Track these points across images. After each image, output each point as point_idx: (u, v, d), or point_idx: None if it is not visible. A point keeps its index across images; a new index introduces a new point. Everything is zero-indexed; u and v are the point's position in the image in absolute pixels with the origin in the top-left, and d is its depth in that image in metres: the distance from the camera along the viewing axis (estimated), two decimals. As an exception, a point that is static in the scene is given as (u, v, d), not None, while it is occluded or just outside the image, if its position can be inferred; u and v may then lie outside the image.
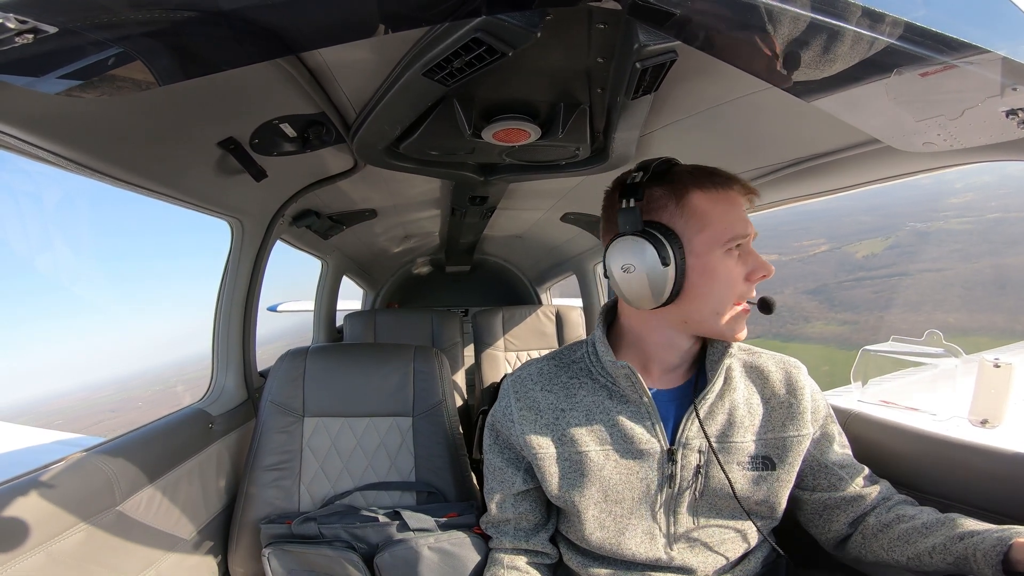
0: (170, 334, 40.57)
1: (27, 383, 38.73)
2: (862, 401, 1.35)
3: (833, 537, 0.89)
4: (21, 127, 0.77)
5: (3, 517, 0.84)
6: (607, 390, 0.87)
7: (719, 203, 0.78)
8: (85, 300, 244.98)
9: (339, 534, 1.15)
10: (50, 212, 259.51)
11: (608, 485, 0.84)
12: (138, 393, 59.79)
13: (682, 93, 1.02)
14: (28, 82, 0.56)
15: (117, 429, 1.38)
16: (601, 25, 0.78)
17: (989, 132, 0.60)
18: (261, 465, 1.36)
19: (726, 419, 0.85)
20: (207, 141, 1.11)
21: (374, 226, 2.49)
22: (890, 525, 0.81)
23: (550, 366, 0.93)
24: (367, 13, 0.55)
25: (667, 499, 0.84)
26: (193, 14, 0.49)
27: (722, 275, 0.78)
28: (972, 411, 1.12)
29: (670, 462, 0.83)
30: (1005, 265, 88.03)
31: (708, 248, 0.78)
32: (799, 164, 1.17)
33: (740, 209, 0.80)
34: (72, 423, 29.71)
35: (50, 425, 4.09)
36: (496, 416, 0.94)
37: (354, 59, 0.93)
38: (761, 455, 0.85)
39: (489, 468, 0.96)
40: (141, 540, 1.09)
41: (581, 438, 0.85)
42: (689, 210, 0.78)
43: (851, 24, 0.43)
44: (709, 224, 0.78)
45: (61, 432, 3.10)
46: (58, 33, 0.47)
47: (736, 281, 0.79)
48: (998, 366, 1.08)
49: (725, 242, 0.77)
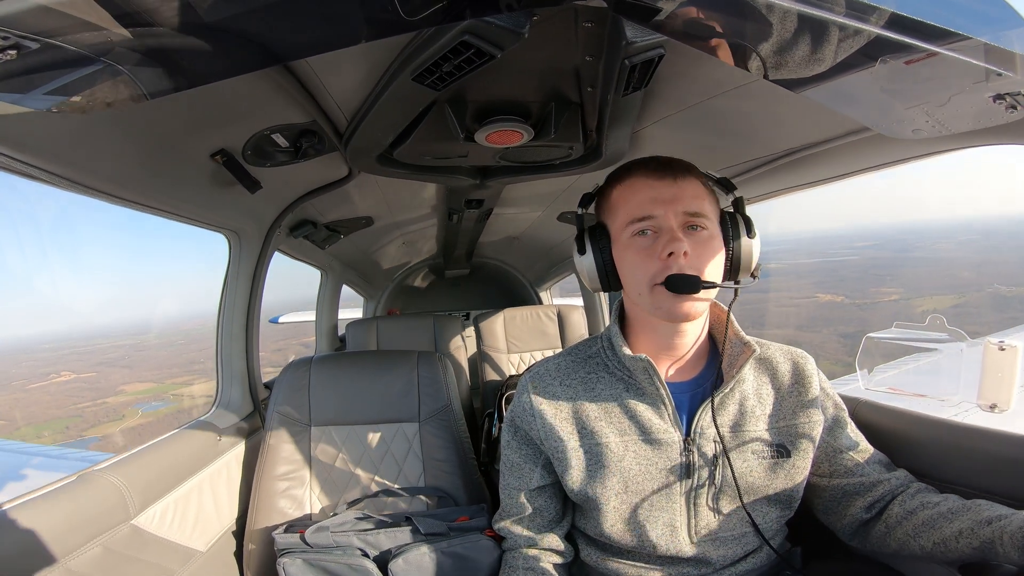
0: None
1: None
2: (869, 389, 1.35)
3: (849, 524, 0.89)
4: (8, 144, 0.77)
5: (20, 534, 0.84)
6: (624, 383, 0.89)
7: (624, 192, 0.85)
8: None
9: (352, 542, 1.15)
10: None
11: (628, 476, 0.85)
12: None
13: (672, 88, 1.02)
14: (13, 99, 0.56)
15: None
16: (588, 24, 0.78)
17: (977, 117, 0.60)
18: (271, 475, 1.36)
19: (738, 409, 0.86)
20: (199, 154, 1.12)
21: (371, 234, 2.49)
22: (914, 512, 0.81)
23: (567, 361, 0.95)
24: (352, 20, 0.55)
25: (687, 490, 0.85)
26: (178, 26, 0.49)
27: (629, 257, 0.83)
28: (980, 395, 1.12)
29: (687, 451, 0.84)
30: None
31: (619, 234, 0.85)
32: (792, 154, 1.16)
33: (643, 192, 0.82)
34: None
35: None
36: (515, 411, 0.95)
37: (342, 67, 0.93)
38: (775, 443, 0.86)
39: (506, 465, 0.97)
40: (157, 554, 1.09)
41: (601, 430, 0.86)
42: (608, 205, 0.88)
43: (835, 14, 0.43)
44: (617, 212, 0.85)
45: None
46: (41, 48, 0.47)
47: (645, 262, 0.81)
48: (1003, 349, 1.08)
49: (627, 225, 0.83)
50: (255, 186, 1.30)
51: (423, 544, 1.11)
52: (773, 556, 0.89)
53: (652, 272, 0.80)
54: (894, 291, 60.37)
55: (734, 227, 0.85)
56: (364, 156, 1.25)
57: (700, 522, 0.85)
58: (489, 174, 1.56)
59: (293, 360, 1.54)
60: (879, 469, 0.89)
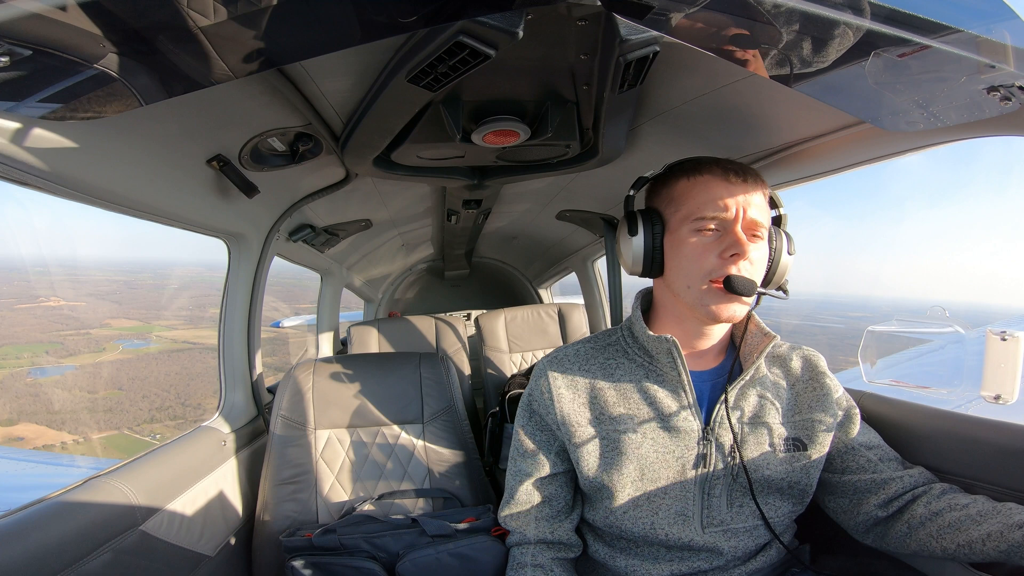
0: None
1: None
2: (872, 381, 1.34)
3: (864, 521, 0.88)
4: (3, 151, 0.76)
5: (32, 540, 0.85)
6: (644, 369, 0.89)
7: (694, 187, 0.85)
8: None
9: (359, 544, 1.16)
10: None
11: (645, 463, 0.85)
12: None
13: (668, 85, 1.02)
14: (7, 106, 0.56)
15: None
16: (582, 22, 0.77)
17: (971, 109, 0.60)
18: (277, 479, 1.36)
19: (757, 401, 0.87)
20: (196, 159, 1.11)
21: (370, 236, 2.49)
22: (940, 513, 0.80)
23: (586, 348, 0.95)
24: (347, 22, 0.55)
25: (701, 480, 0.85)
26: (170, 31, 0.49)
27: (687, 251, 0.84)
28: (984, 387, 1.11)
29: (705, 441, 0.85)
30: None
31: (679, 225, 0.86)
32: (788, 149, 1.16)
33: (715, 191, 0.83)
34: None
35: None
36: (533, 395, 0.95)
37: (337, 69, 0.93)
38: (792, 437, 0.86)
39: (518, 451, 0.97)
40: (166, 559, 1.10)
41: (619, 416, 0.87)
42: (670, 195, 0.88)
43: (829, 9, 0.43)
44: (682, 205, 0.86)
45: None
46: (34, 55, 0.47)
47: (703, 257, 0.82)
48: (1005, 339, 1.07)
49: (693, 220, 0.84)
50: (252, 191, 1.30)
51: (429, 546, 1.11)
52: (781, 551, 0.89)
53: (710, 268, 0.82)
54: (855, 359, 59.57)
55: (777, 242, 0.88)
56: (361, 159, 1.25)
57: (712, 512, 0.85)
58: (487, 174, 1.56)
59: (296, 364, 1.55)
60: (893, 466, 0.88)
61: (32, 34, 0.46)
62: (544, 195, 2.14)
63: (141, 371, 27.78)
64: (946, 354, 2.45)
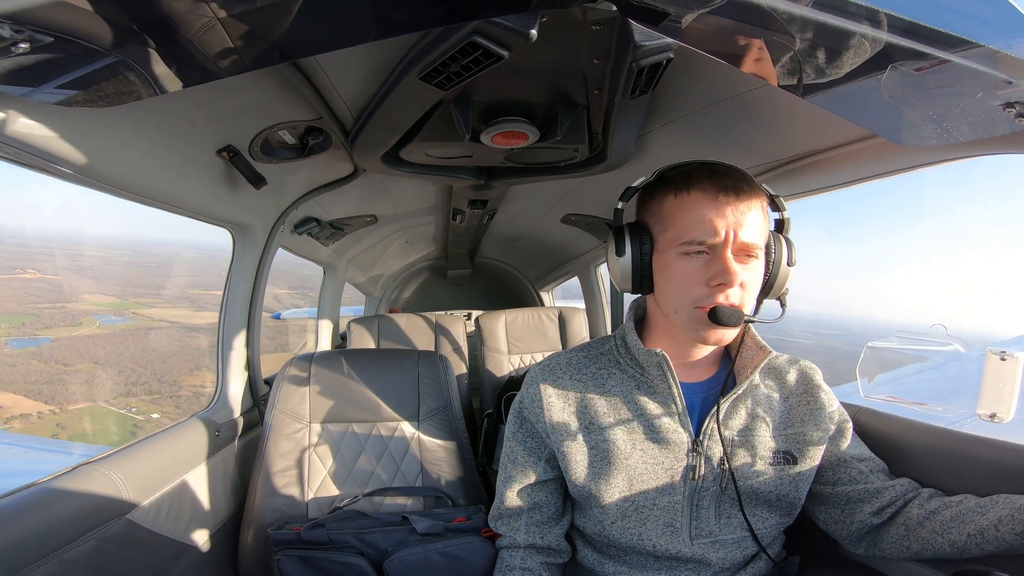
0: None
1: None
2: (869, 397, 1.34)
3: (858, 530, 0.88)
4: (17, 136, 0.77)
5: (15, 526, 0.84)
6: (635, 380, 0.89)
7: (681, 207, 0.80)
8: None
9: (348, 540, 1.15)
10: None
11: (634, 474, 0.85)
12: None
13: (679, 92, 1.02)
14: (26, 92, 0.56)
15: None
16: (596, 26, 0.78)
17: (986, 126, 0.60)
18: (269, 472, 1.36)
19: (748, 415, 0.86)
20: (206, 149, 1.12)
21: (375, 232, 2.50)
22: (937, 511, 0.81)
23: (579, 357, 0.95)
24: (361, 19, 0.55)
25: (691, 491, 0.84)
26: (188, 22, 0.50)
27: (674, 275, 0.81)
28: (980, 405, 1.11)
29: (694, 452, 0.84)
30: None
31: (666, 247, 0.82)
32: (797, 161, 1.16)
33: (703, 212, 0.78)
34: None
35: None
36: (524, 403, 0.95)
37: (350, 65, 0.93)
38: (782, 450, 0.86)
39: (508, 457, 0.96)
40: (151, 548, 1.09)
41: (609, 426, 0.86)
42: (659, 211, 0.84)
43: (846, 21, 0.43)
44: (670, 225, 0.82)
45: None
46: (54, 42, 0.47)
47: (690, 284, 0.79)
48: (1004, 359, 1.07)
49: (680, 244, 0.80)
50: (260, 182, 1.30)
51: (419, 544, 1.11)
52: (769, 563, 0.89)
53: (696, 296, 0.79)
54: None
55: (777, 251, 0.84)
56: (370, 154, 1.25)
57: (700, 523, 0.85)
58: (494, 175, 1.56)
59: (294, 357, 1.54)
60: (882, 477, 0.89)
61: (52, 21, 0.47)
62: (550, 198, 2.14)
63: (117, 347, 27.62)
64: (943, 373, 2.45)
